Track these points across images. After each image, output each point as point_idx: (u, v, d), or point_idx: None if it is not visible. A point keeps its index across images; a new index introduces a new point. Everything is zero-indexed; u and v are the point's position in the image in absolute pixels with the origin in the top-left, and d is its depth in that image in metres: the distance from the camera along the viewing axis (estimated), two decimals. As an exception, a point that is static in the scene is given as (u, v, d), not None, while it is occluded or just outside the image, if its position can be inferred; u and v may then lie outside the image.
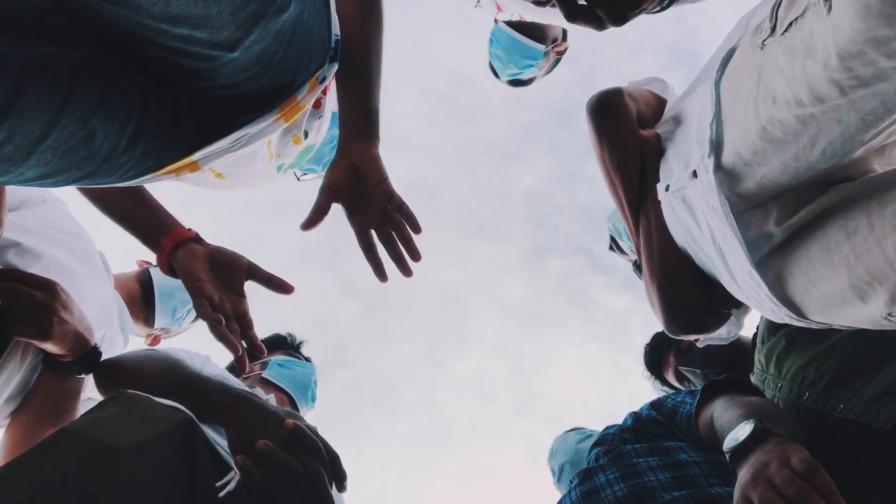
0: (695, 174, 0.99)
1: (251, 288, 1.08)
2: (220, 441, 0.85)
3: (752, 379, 1.32)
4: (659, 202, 1.16)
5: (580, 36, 1.97)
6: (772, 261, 0.90)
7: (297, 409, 1.60)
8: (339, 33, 0.90)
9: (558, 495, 1.18)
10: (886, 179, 0.80)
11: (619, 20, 0.86)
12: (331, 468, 0.85)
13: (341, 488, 0.87)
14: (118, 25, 0.60)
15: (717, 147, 0.93)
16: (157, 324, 1.57)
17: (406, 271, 0.99)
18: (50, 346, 0.99)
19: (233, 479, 0.78)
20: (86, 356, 1.03)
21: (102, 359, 1.08)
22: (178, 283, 1.58)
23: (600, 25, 0.87)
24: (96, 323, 1.10)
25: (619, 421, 1.27)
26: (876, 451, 0.92)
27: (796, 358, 1.16)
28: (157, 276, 1.55)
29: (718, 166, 0.92)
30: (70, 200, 1.21)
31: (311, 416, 1.73)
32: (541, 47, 1.91)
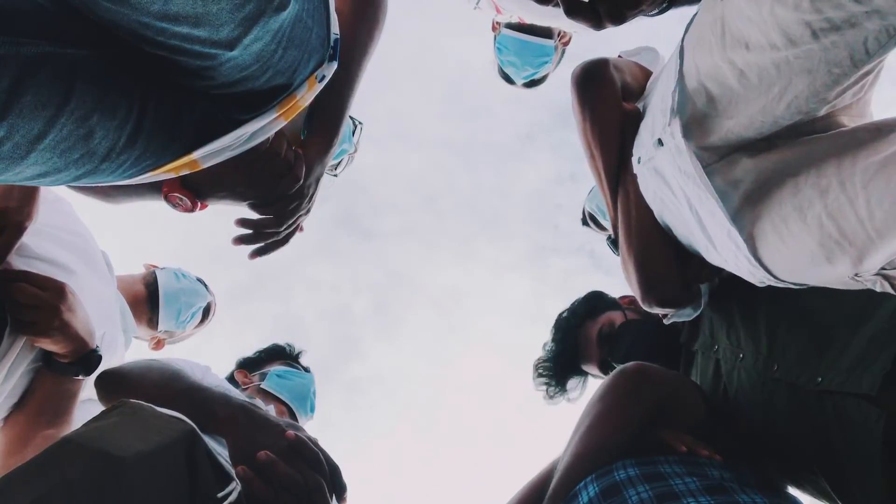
0: (660, 142, 0.99)
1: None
2: (221, 451, 0.84)
3: (697, 347, 1.31)
4: (636, 176, 1.16)
5: (582, 38, 1.97)
6: (745, 216, 0.89)
7: (297, 420, 1.60)
8: (338, 32, 0.90)
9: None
10: (856, 136, 0.79)
11: (618, 19, 0.87)
12: (331, 480, 0.85)
13: (341, 499, 0.87)
14: (117, 24, 0.60)
15: (681, 110, 0.93)
16: (161, 326, 1.56)
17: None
18: (49, 345, 1.01)
19: (234, 489, 0.77)
20: (84, 358, 1.04)
21: (103, 364, 1.09)
22: (183, 286, 1.59)
23: (599, 24, 0.88)
24: (96, 321, 1.11)
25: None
26: (852, 423, 0.90)
27: (756, 326, 1.14)
28: (163, 278, 1.56)
29: (686, 128, 0.92)
30: (73, 200, 1.21)
31: (312, 424, 1.72)
32: (550, 42, 1.92)
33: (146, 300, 1.52)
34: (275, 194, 0.99)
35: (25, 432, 1.05)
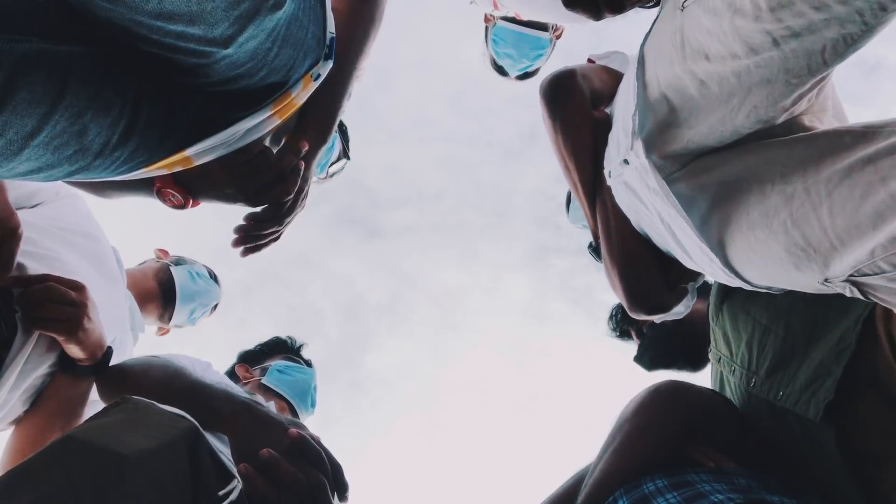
0: (626, 161, 1.00)
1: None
2: (222, 449, 0.84)
3: (710, 356, 1.31)
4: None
5: (583, 34, 1.97)
6: (713, 222, 0.89)
7: (297, 416, 1.59)
8: (333, 31, 0.90)
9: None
10: (819, 143, 0.79)
11: (617, 9, 0.87)
12: (333, 478, 0.85)
13: (343, 498, 0.87)
14: (112, 22, 0.60)
15: (642, 126, 0.93)
16: (174, 322, 1.57)
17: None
18: (73, 348, 1.01)
19: (235, 488, 0.77)
20: (102, 359, 1.05)
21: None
22: (199, 288, 1.59)
23: (598, 14, 0.87)
24: (107, 328, 1.10)
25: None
26: (813, 440, 0.92)
27: (740, 339, 1.15)
28: (180, 279, 1.55)
29: (648, 141, 0.92)
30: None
31: (314, 421, 1.72)
32: (546, 35, 1.92)
33: (158, 296, 1.51)
34: (264, 202, 1.00)
35: (42, 433, 1.05)
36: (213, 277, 1.68)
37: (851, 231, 0.69)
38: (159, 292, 1.51)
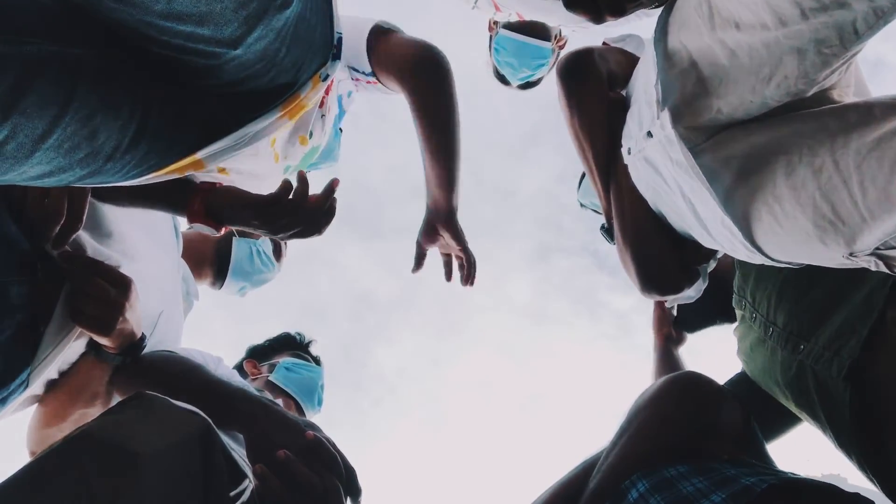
0: (650, 134, 0.99)
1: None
2: (236, 448, 0.85)
3: (734, 303, 1.31)
4: (626, 166, 1.16)
5: (583, 35, 1.96)
6: (737, 195, 0.89)
7: (303, 414, 1.59)
8: (341, 30, 0.90)
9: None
10: (848, 115, 0.79)
11: (619, 12, 0.86)
12: (347, 482, 0.85)
13: (356, 503, 0.87)
14: (122, 23, 0.60)
15: (667, 97, 0.92)
16: (223, 291, 1.58)
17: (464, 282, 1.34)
18: (101, 339, 1.00)
19: (247, 488, 0.77)
20: (130, 347, 1.04)
21: (158, 336, 1.10)
22: (256, 267, 1.58)
23: (599, 17, 0.86)
24: (155, 301, 1.11)
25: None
26: (826, 397, 0.93)
27: (759, 285, 1.16)
28: (238, 254, 1.54)
29: (675, 113, 0.91)
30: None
31: (316, 419, 1.72)
32: (548, 45, 1.90)
33: (213, 263, 1.51)
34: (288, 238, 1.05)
35: (64, 408, 1.05)
36: (272, 262, 1.65)
37: (882, 203, 0.69)
38: (215, 260, 1.51)
